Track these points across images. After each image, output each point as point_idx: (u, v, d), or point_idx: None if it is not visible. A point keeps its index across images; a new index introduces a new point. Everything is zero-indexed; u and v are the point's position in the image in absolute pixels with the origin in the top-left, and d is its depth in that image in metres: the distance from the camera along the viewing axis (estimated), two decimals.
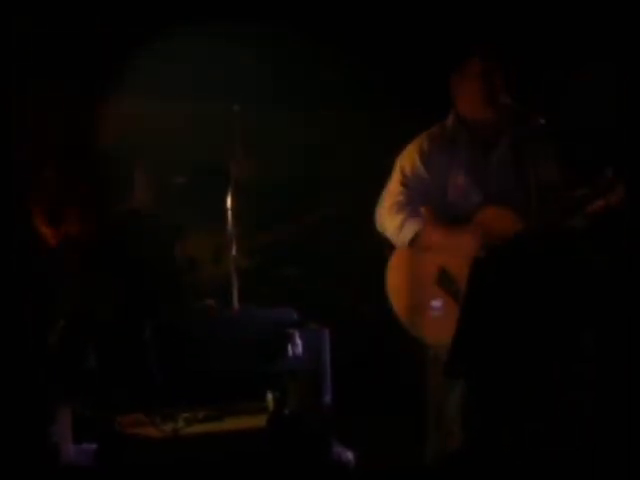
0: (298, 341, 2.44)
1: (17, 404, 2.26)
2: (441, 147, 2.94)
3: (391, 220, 2.93)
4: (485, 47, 3.05)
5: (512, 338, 2.24)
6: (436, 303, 2.80)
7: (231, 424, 2.59)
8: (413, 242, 2.88)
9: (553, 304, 2.20)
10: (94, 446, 2.40)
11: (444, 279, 2.82)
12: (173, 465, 2.39)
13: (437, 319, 2.72)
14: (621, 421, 2.75)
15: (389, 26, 4.44)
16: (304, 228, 4.38)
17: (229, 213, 3.31)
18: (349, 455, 2.51)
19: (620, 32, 4.04)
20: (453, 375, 2.60)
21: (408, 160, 2.96)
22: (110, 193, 3.73)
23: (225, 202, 3.32)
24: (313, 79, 4.70)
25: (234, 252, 3.31)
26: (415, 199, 2.95)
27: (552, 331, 2.20)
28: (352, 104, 5.38)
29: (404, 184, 2.95)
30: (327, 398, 2.50)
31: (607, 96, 4.20)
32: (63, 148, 3.82)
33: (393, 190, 2.96)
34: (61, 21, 3.91)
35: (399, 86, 4.85)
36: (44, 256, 3.66)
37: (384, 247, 3.22)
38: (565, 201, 2.83)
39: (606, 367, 2.70)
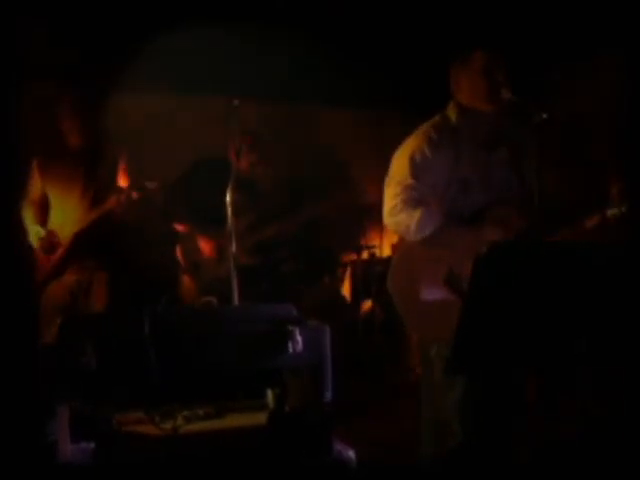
0: (298, 338, 2.42)
1: (14, 402, 2.24)
2: (447, 138, 2.89)
3: (408, 215, 2.83)
4: (488, 40, 3.02)
5: (514, 335, 2.21)
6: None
7: (231, 422, 2.57)
8: (430, 238, 2.83)
9: (553, 304, 2.18)
10: (92, 445, 2.37)
11: (452, 278, 2.78)
12: (172, 463, 2.37)
13: (444, 318, 2.68)
14: (620, 420, 2.74)
15: (391, 22, 4.43)
16: (304, 225, 4.37)
17: (229, 209, 3.28)
18: (350, 453, 2.48)
19: (622, 29, 4.04)
20: (454, 372, 2.57)
21: (418, 150, 2.87)
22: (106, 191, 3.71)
23: (225, 198, 3.30)
24: (314, 77, 4.69)
25: (234, 249, 3.28)
26: (426, 193, 2.88)
27: (552, 331, 2.18)
28: (353, 103, 5.38)
29: (415, 176, 2.84)
30: (328, 395, 2.48)
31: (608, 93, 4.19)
32: (56, 146, 3.77)
33: (404, 183, 2.86)
34: (58, 18, 3.90)
35: (401, 85, 4.85)
36: (39, 254, 3.64)
37: None
38: (567, 205, 2.82)
39: (604, 368, 2.68)
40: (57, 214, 3.75)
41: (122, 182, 3.69)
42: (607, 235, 2.76)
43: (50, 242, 3.66)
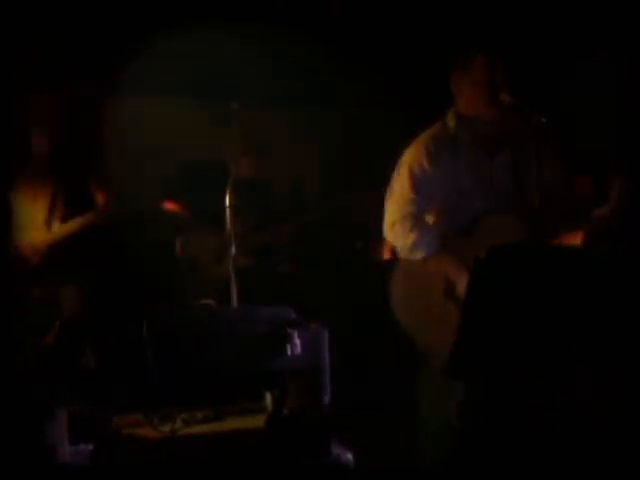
0: (297, 341, 2.42)
1: (12, 404, 2.24)
2: (446, 148, 2.89)
3: (403, 237, 2.86)
4: (487, 41, 3.02)
5: (513, 340, 2.22)
6: None
7: (230, 424, 2.57)
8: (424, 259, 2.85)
9: (553, 305, 2.18)
10: (91, 447, 2.37)
11: (452, 290, 2.79)
12: (171, 466, 2.37)
13: (446, 329, 2.67)
14: (620, 419, 2.74)
15: (390, 24, 4.43)
16: (302, 227, 4.37)
17: (228, 212, 3.29)
18: (348, 456, 2.48)
19: (620, 30, 4.04)
20: (453, 376, 2.57)
21: (416, 162, 2.88)
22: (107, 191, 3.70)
23: (224, 201, 3.31)
24: (314, 79, 4.69)
25: (233, 251, 3.29)
26: (425, 207, 2.89)
27: (551, 332, 2.18)
28: (353, 103, 5.37)
29: (415, 189, 2.87)
30: (326, 398, 2.48)
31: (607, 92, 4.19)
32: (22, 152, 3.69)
33: (404, 196, 2.88)
34: (62, 20, 3.90)
35: (402, 85, 4.84)
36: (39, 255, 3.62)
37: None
38: (568, 207, 2.81)
39: (604, 368, 2.67)
40: (22, 224, 3.62)
41: (98, 197, 3.64)
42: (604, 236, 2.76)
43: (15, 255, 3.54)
